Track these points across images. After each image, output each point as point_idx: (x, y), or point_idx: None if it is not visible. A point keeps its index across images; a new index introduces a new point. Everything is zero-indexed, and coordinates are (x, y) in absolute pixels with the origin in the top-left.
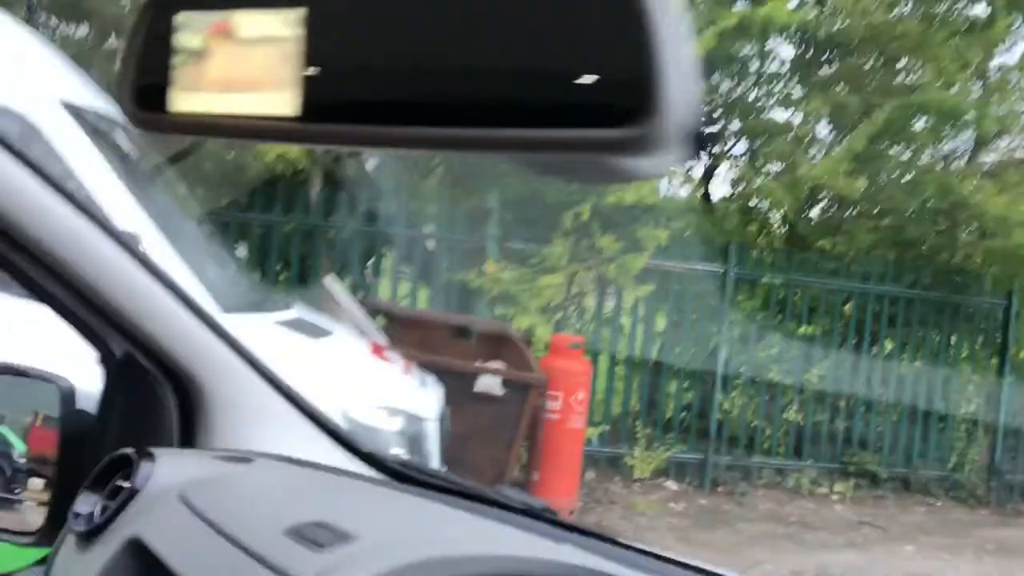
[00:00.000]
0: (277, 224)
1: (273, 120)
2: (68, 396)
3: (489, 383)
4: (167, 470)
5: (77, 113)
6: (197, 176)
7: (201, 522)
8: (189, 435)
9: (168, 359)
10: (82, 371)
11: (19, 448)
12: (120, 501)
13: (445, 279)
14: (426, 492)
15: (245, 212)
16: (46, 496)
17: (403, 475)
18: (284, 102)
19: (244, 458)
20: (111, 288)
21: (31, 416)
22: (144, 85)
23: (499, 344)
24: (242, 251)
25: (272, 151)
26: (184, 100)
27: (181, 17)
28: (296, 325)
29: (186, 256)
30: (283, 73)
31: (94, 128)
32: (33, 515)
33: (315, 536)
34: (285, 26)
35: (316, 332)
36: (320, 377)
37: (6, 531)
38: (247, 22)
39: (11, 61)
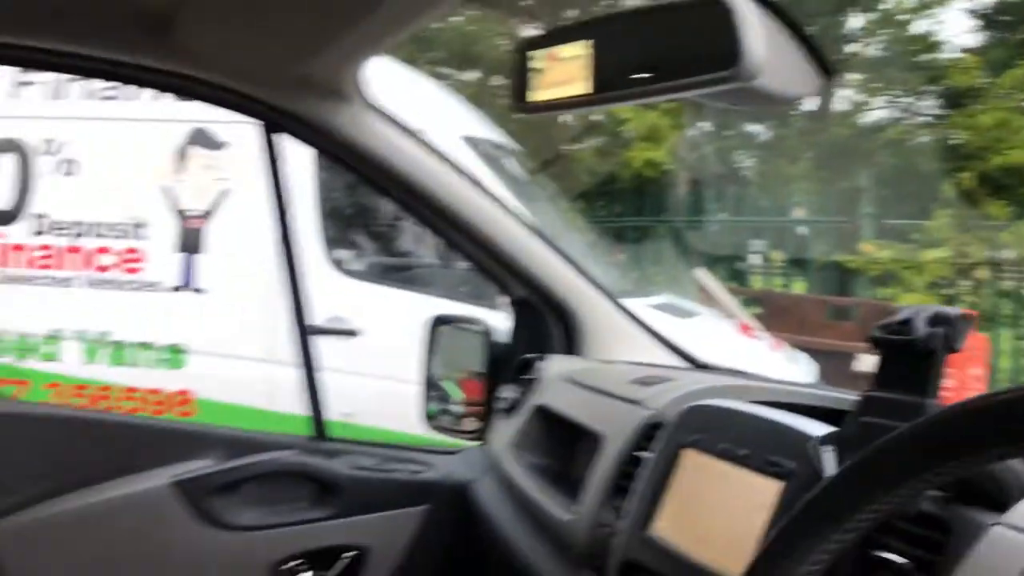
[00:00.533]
0: (649, 224)
1: (578, 97)
2: (489, 333)
3: (871, 362)
4: (557, 366)
5: (475, 144)
6: (576, 188)
7: (580, 388)
8: (570, 353)
9: (555, 299)
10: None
11: (456, 396)
12: (528, 386)
13: (820, 263)
14: (744, 376)
15: (620, 216)
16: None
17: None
18: (583, 87)
19: (607, 362)
20: (515, 251)
21: (463, 372)
22: (518, 89)
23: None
24: (619, 251)
25: (640, 160)
26: (538, 94)
27: (533, 52)
28: (666, 308)
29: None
30: (582, 72)
31: (488, 155)
32: (472, 425)
33: (647, 380)
34: (582, 49)
35: (684, 313)
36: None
37: (457, 431)
38: (563, 51)
39: (423, 106)
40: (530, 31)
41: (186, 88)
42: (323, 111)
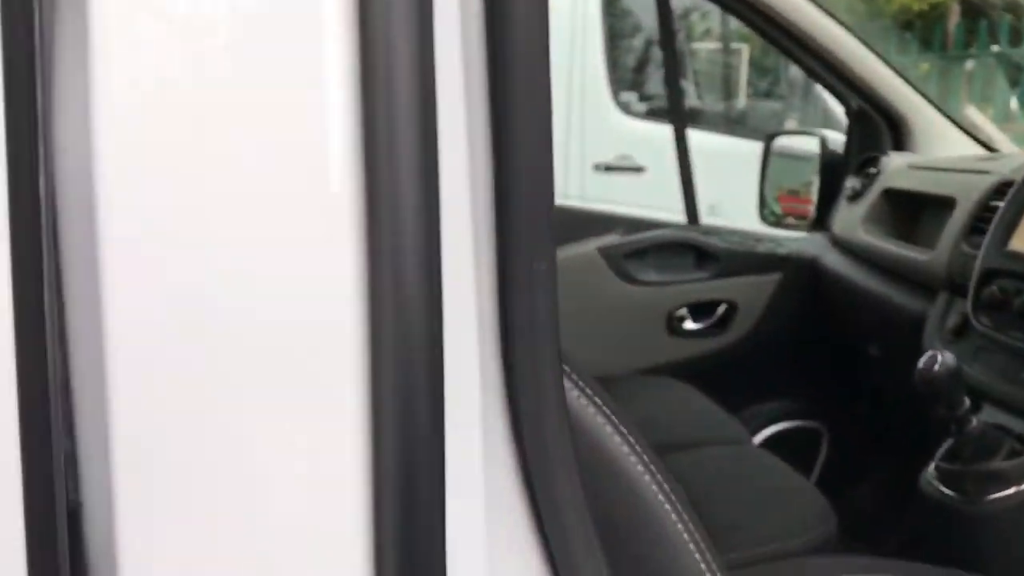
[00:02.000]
0: (915, 61)
1: None
2: (825, 141)
3: None
4: (897, 159)
5: None
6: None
7: (926, 171)
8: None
9: (887, 107)
10: None
11: (777, 208)
12: (872, 176)
13: None
14: None
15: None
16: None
17: None
18: None
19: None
20: (855, 66)
21: (779, 190)
22: None
23: None
24: None
25: None
26: None
27: None
28: None
29: None
30: None
31: None
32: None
33: (990, 158)
34: None
35: None
36: None
37: (788, 226)
38: None
39: None
40: None
41: None
42: None
